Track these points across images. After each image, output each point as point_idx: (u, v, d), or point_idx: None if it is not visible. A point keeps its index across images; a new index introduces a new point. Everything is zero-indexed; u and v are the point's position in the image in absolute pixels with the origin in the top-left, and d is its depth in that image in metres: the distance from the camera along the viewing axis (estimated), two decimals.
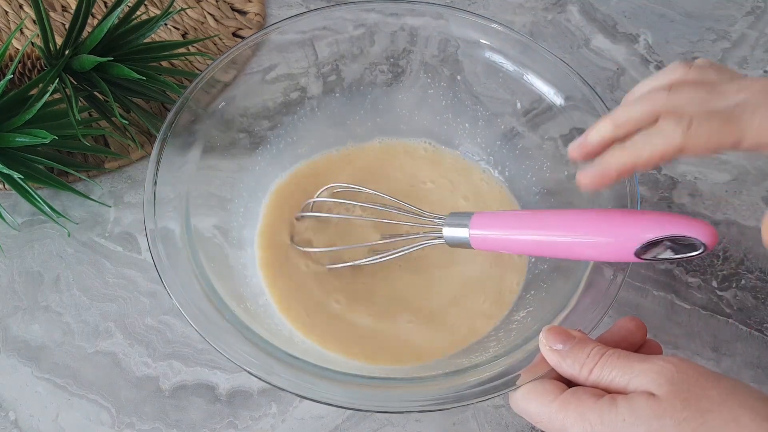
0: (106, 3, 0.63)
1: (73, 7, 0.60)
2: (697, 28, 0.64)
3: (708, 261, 0.52)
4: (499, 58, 0.49)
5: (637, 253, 0.35)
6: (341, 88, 0.52)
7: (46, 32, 0.50)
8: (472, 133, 0.52)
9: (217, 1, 0.64)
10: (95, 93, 0.53)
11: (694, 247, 0.34)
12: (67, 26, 0.53)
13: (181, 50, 0.57)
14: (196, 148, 0.45)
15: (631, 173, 0.37)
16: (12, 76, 0.50)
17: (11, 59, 0.52)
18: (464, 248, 0.42)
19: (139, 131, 0.56)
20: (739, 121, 0.33)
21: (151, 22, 0.53)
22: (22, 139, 0.47)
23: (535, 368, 0.36)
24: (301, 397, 0.36)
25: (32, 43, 0.52)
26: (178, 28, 0.62)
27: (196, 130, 0.45)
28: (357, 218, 0.50)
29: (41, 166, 0.51)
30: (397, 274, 0.48)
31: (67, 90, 0.49)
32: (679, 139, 0.34)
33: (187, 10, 0.63)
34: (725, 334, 0.49)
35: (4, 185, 0.53)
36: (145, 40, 0.54)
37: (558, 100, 0.47)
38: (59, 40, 0.53)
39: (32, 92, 0.49)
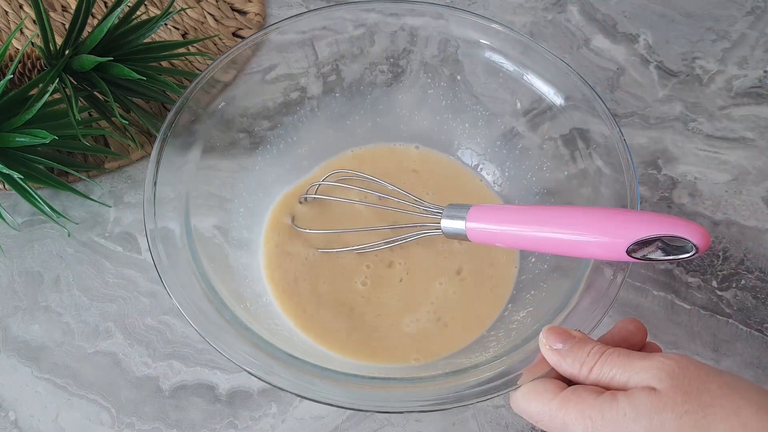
0: (106, 3, 0.63)
1: (73, 7, 0.60)
2: (697, 28, 0.64)
3: (708, 261, 0.52)
4: (499, 58, 0.49)
5: (629, 251, 0.36)
6: (341, 88, 0.52)
7: (46, 32, 0.50)
8: (472, 133, 0.53)
9: (217, 1, 0.64)
10: (95, 93, 0.53)
11: (685, 248, 0.34)
12: (67, 26, 0.53)
13: (181, 50, 0.57)
14: (196, 148, 0.45)
15: None
16: (12, 76, 0.50)
17: (11, 59, 0.52)
18: (462, 240, 0.43)
19: (139, 131, 0.56)
20: None
21: (151, 22, 0.53)
22: (22, 139, 0.47)
23: (535, 368, 0.36)
24: (301, 397, 0.35)
25: (32, 43, 0.52)
26: (178, 28, 0.62)
27: (196, 130, 0.45)
28: (358, 203, 0.50)
29: (41, 166, 0.51)
30: (398, 274, 0.49)
31: (67, 90, 0.49)
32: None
33: (187, 10, 0.63)
34: (725, 334, 0.49)
35: (4, 185, 0.53)
36: (145, 40, 0.54)
37: (558, 100, 0.47)
38: (59, 40, 0.54)
39: (32, 92, 0.50)
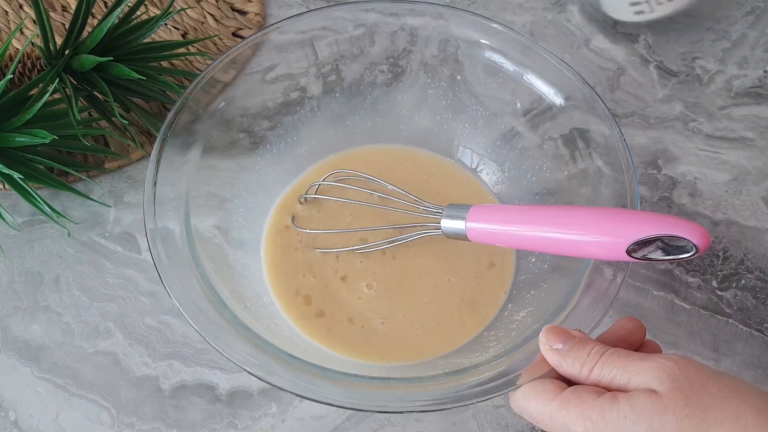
0: (106, 3, 0.63)
1: (73, 7, 0.60)
2: (697, 28, 0.64)
3: (708, 261, 0.52)
4: (499, 58, 0.49)
5: (629, 251, 0.36)
6: (341, 88, 0.52)
7: (46, 32, 0.50)
8: (472, 133, 0.53)
9: (217, 1, 0.64)
10: (95, 93, 0.53)
11: (685, 248, 0.34)
12: (67, 26, 0.53)
13: (181, 50, 0.57)
14: (196, 148, 0.45)
15: None
16: (12, 76, 0.50)
17: (11, 59, 0.52)
18: (462, 240, 0.43)
19: (139, 131, 0.56)
20: None
21: (151, 22, 0.53)
22: (22, 139, 0.47)
23: (535, 368, 0.36)
24: (301, 397, 0.35)
25: (32, 43, 0.52)
26: (178, 28, 0.62)
27: (196, 130, 0.45)
28: (358, 203, 0.50)
29: (41, 166, 0.51)
30: (398, 273, 0.49)
31: (67, 90, 0.49)
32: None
33: (187, 10, 0.63)
34: (725, 334, 0.49)
35: (4, 185, 0.53)
36: (145, 40, 0.54)
37: (558, 100, 0.47)
38: (59, 40, 0.53)
39: (32, 92, 0.49)
